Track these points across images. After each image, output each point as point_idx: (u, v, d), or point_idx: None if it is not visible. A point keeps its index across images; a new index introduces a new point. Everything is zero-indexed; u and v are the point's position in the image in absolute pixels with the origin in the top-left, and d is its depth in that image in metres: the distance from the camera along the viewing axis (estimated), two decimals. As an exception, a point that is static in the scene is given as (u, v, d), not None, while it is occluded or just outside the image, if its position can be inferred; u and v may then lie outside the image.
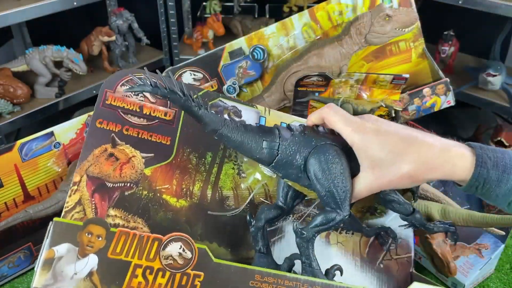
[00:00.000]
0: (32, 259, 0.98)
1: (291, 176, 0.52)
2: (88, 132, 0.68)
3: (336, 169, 0.50)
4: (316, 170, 0.50)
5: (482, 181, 0.49)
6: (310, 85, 0.90)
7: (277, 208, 0.57)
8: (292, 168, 0.51)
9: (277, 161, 0.51)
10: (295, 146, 0.51)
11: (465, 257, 0.94)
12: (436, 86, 0.93)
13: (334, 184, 0.49)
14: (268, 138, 0.51)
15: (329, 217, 0.50)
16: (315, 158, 0.50)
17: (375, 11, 0.85)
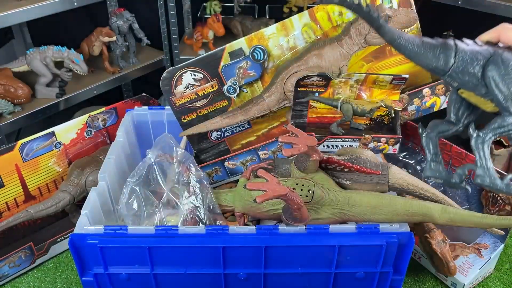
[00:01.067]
0: (33, 259, 0.98)
1: (467, 84, 0.53)
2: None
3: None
4: (495, 75, 0.51)
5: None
6: (310, 85, 0.90)
7: (449, 123, 0.58)
8: (470, 76, 0.53)
9: (454, 69, 0.53)
10: (473, 54, 0.53)
11: (464, 257, 0.94)
12: (436, 87, 0.94)
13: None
14: (444, 48, 0.54)
15: (507, 120, 0.51)
16: (493, 64, 0.52)
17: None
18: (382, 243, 0.72)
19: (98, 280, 0.76)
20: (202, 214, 0.84)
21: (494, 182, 0.52)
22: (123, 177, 0.92)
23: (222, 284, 0.77)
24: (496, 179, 0.52)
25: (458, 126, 0.58)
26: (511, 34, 0.55)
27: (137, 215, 0.84)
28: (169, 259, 0.75)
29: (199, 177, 0.87)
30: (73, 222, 0.99)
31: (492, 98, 0.52)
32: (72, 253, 0.73)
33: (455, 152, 1.02)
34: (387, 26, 0.54)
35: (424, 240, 0.88)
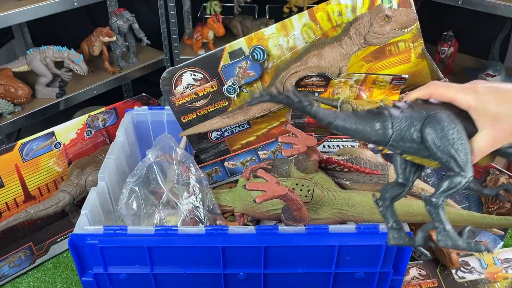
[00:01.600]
0: (32, 259, 0.98)
1: (409, 150, 0.54)
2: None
3: (454, 134, 0.52)
4: (434, 138, 0.52)
5: None
6: (309, 85, 0.90)
7: (399, 185, 0.59)
8: (410, 142, 0.53)
9: (393, 139, 0.53)
10: (408, 120, 0.53)
11: (464, 255, 0.94)
12: (435, 87, 0.93)
13: (454, 148, 0.51)
14: (380, 119, 0.54)
15: (454, 181, 0.51)
16: (430, 127, 0.52)
17: (375, 11, 0.86)
18: (382, 243, 0.72)
19: (97, 280, 0.76)
20: (202, 214, 0.84)
21: (456, 244, 0.52)
22: (123, 177, 0.92)
23: (222, 284, 0.77)
24: (458, 240, 0.52)
25: (408, 185, 0.59)
26: (443, 91, 0.55)
27: (137, 215, 0.84)
28: (169, 259, 0.75)
29: (198, 177, 0.87)
30: (73, 222, 0.99)
31: (435, 159, 0.53)
32: (72, 253, 0.73)
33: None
34: (321, 111, 0.54)
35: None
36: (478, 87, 0.53)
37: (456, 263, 0.86)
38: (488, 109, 0.52)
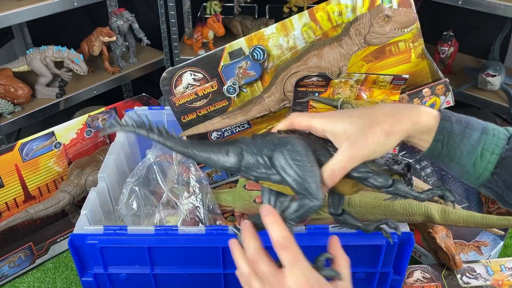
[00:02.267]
0: (32, 259, 0.98)
1: (262, 176, 0.55)
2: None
3: (300, 157, 0.52)
4: (281, 162, 0.53)
5: (446, 134, 0.51)
6: (310, 85, 0.90)
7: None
8: (261, 168, 0.54)
9: (244, 165, 0.54)
10: (259, 146, 0.55)
11: (464, 255, 0.94)
12: (436, 87, 0.93)
13: (301, 172, 0.52)
14: (232, 147, 0.55)
15: (301, 204, 0.52)
16: (278, 152, 0.53)
17: (375, 11, 0.86)
18: (382, 243, 0.72)
19: (97, 280, 0.76)
20: (202, 214, 0.84)
21: None
22: (123, 177, 0.92)
23: (222, 284, 0.77)
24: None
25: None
26: (300, 119, 0.57)
27: (137, 215, 0.84)
28: (169, 259, 0.75)
29: (198, 177, 0.87)
30: (73, 222, 0.99)
31: (287, 184, 0.53)
32: (72, 253, 0.73)
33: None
34: (173, 138, 0.55)
35: (427, 236, 0.88)
36: (332, 113, 0.56)
37: (460, 265, 0.86)
38: (340, 130, 0.53)
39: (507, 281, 0.86)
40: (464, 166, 0.52)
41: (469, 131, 0.51)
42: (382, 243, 0.72)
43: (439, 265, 0.89)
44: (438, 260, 0.90)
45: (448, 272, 0.88)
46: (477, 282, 0.86)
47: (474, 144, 0.50)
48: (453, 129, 0.51)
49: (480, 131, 0.51)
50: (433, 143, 0.52)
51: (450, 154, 0.52)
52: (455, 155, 0.51)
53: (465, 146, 0.51)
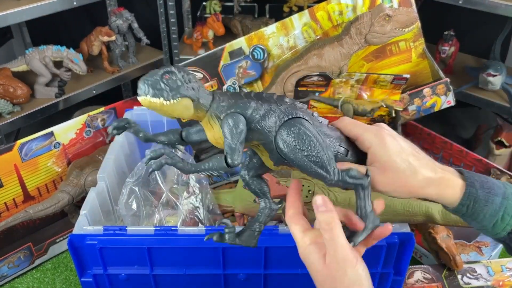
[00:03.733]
0: (32, 259, 0.97)
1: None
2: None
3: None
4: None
5: (472, 199, 0.55)
6: (310, 85, 0.90)
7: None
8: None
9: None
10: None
11: (465, 255, 0.94)
12: (436, 86, 0.93)
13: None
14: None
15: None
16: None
17: (375, 11, 0.85)
18: (383, 243, 0.72)
19: (97, 280, 0.76)
20: (202, 214, 0.84)
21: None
22: (122, 177, 0.92)
23: (222, 285, 0.77)
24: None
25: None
26: (352, 126, 0.59)
27: (136, 216, 0.84)
28: (169, 259, 0.74)
29: (198, 177, 0.87)
30: (72, 222, 0.99)
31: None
32: (71, 253, 0.73)
33: (456, 150, 1.02)
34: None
35: (428, 236, 0.88)
36: (384, 134, 0.56)
37: (461, 266, 0.86)
38: (385, 155, 0.55)
39: (508, 281, 0.86)
40: (484, 226, 0.56)
41: (492, 196, 0.55)
42: (382, 244, 0.72)
43: (440, 265, 0.89)
44: (438, 260, 0.90)
45: (449, 272, 0.88)
46: (478, 282, 0.86)
47: (496, 209, 0.55)
48: (478, 195, 0.55)
49: (501, 196, 0.55)
50: (458, 206, 0.56)
51: (473, 215, 0.56)
52: (478, 217, 0.56)
53: (488, 210, 0.55)
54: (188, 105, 0.49)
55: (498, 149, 1.43)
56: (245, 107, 0.50)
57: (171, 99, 0.47)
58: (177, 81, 0.47)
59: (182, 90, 0.47)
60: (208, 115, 0.51)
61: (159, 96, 0.46)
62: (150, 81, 0.46)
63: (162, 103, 0.46)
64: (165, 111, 0.48)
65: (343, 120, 0.60)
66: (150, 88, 0.46)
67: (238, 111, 0.50)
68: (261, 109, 0.51)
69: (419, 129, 1.07)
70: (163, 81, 0.47)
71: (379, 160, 0.55)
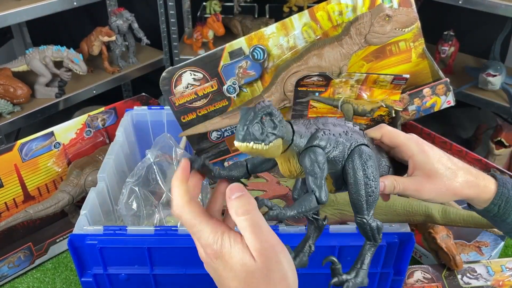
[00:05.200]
0: (32, 259, 0.98)
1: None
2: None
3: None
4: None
5: (504, 199, 0.57)
6: (310, 85, 0.90)
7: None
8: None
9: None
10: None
11: (465, 255, 0.94)
12: (436, 86, 0.93)
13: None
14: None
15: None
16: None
17: (375, 11, 0.85)
18: (383, 243, 0.72)
19: (97, 280, 0.76)
20: (202, 214, 0.84)
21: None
22: (123, 177, 0.92)
23: (222, 285, 0.77)
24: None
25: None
26: (394, 135, 0.61)
27: (137, 215, 0.84)
28: (169, 259, 0.74)
29: (198, 177, 0.86)
30: (73, 222, 0.99)
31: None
32: (71, 253, 0.73)
33: (455, 150, 1.02)
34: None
35: (428, 236, 0.88)
36: (423, 142, 0.60)
37: (460, 266, 0.86)
38: (427, 162, 0.58)
39: (507, 281, 0.86)
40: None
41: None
42: (382, 243, 0.72)
43: (440, 265, 0.89)
44: (438, 260, 0.90)
45: (449, 272, 0.88)
46: (478, 282, 0.86)
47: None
48: (510, 195, 0.58)
49: None
50: (490, 206, 0.58)
51: (504, 215, 0.58)
52: (508, 217, 0.58)
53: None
54: (280, 145, 0.48)
55: (497, 149, 1.43)
56: (321, 139, 0.51)
57: (270, 143, 0.45)
58: (274, 122, 0.46)
59: (278, 132, 0.46)
60: (289, 150, 0.50)
61: (261, 142, 0.45)
62: (251, 126, 0.45)
63: (262, 148, 0.45)
64: (261, 154, 0.47)
65: (382, 127, 0.61)
66: (252, 135, 0.44)
67: (316, 144, 0.50)
68: (332, 139, 0.52)
69: (419, 129, 1.07)
70: (263, 125, 0.45)
71: (422, 168, 0.58)
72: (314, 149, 0.49)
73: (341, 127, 0.54)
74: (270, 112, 0.45)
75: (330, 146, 0.51)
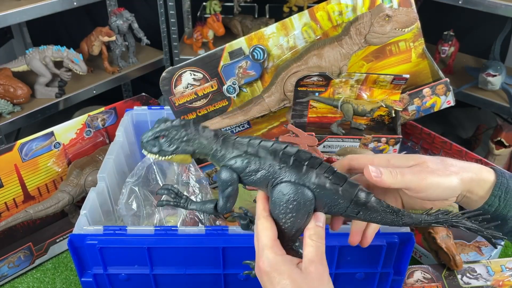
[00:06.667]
0: (32, 259, 0.98)
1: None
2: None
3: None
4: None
5: (504, 190, 0.53)
6: (310, 85, 0.90)
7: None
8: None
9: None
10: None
11: (465, 255, 0.94)
12: (436, 86, 0.93)
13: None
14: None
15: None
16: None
17: (375, 11, 0.85)
18: (383, 243, 0.72)
19: (97, 280, 0.76)
20: (202, 214, 0.84)
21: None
22: (123, 177, 0.92)
23: (222, 285, 0.77)
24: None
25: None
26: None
27: (137, 215, 0.84)
28: (169, 259, 0.74)
29: (198, 177, 0.87)
30: (73, 222, 0.99)
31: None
32: (71, 253, 0.73)
33: (455, 150, 1.02)
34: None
35: (428, 236, 0.88)
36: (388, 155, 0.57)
37: (460, 266, 0.86)
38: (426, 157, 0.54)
39: (507, 281, 0.86)
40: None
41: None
42: (382, 243, 0.72)
43: (440, 265, 0.89)
44: (438, 260, 0.90)
45: (449, 272, 0.88)
46: (478, 282, 0.86)
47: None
48: (510, 185, 0.54)
49: None
50: (491, 198, 0.54)
51: (506, 209, 0.54)
52: (510, 211, 0.54)
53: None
54: (186, 158, 0.55)
55: (497, 149, 1.43)
56: (239, 161, 0.53)
57: (165, 156, 0.54)
58: (171, 141, 0.53)
59: (175, 150, 0.53)
60: (210, 159, 0.55)
61: (156, 154, 0.54)
62: (145, 141, 0.53)
63: (158, 158, 0.54)
64: (168, 161, 0.55)
65: (344, 159, 0.58)
66: (148, 147, 0.53)
67: (228, 165, 0.53)
68: (253, 165, 0.53)
69: (419, 129, 1.07)
70: (158, 142, 0.53)
71: (411, 165, 0.54)
72: (224, 168, 0.53)
73: (275, 159, 0.52)
74: (166, 134, 0.53)
75: (248, 172, 0.53)
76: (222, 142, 0.54)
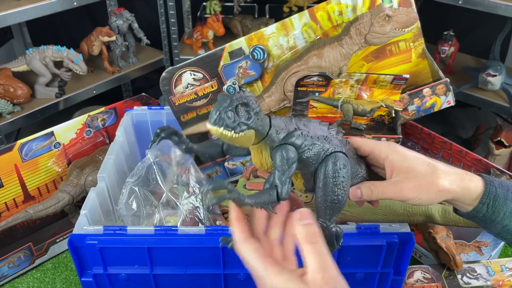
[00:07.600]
0: (32, 259, 0.98)
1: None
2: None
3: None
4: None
5: (492, 197, 0.56)
6: (310, 85, 0.90)
7: None
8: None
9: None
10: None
11: (465, 255, 0.94)
12: (436, 86, 0.93)
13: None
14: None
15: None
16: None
17: (375, 11, 0.85)
18: (383, 243, 0.72)
19: (97, 280, 0.76)
20: (202, 214, 0.84)
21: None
22: (123, 177, 0.92)
23: (222, 285, 0.77)
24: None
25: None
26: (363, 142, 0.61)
27: (137, 215, 0.84)
28: (169, 259, 0.74)
29: (198, 178, 0.87)
30: (73, 222, 0.99)
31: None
32: (71, 253, 0.73)
33: (455, 150, 1.02)
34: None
35: (428, 236, 0.88)
36: (395, 145, 0.59)
37: (460, 266, 0.86)
38: (403, 163, 0.57)
39: (507, 281, 0.86)
40: (505, 226, 0.57)
41: (511, 194, 0.57)
42: (382, 243, 0.72)
43: (440, 265, 0.89)
44: (438, 260, 0.90)
45: (449, 272, 0.88)
46: (478, 282, 0.86)
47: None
48: (498, 193, 0.56)
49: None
50: (479, 205, 0.57)
51: (493, 215, 0.57)
52: (498, 217, 0.57)
53: (507, 208, 0.56)
54: (252, 136, 0.49)
55: (497, 149, 1.43)
56: (297, 137, 0.51)
57: (241, 132, 0.47)
58: (249, 113, 0.48)
59: (252, 123, 0.48)
60: (263, 143, 0.51)
61: (231, 130, 0.47)
62: (223, 112, 0.47)
63: (232, 136, 0.47)
64: (231, 141, 0.49)
65: (351, 139, 0.61)
66: (224, 120, 0.47)
67: (290, 142, 0.51)
68: (308, 140, 0.52)
69: (419, 129, 1.07)
70: (237, 113, 0.47)
71: (399, 167, 0.56)
72: (286, 146, 0.50)
73: (322, 131, 0.54)
74: (247, 102, 0.47)
75: (305, 147, 0.52)
76: (272, 119, 0.52)
